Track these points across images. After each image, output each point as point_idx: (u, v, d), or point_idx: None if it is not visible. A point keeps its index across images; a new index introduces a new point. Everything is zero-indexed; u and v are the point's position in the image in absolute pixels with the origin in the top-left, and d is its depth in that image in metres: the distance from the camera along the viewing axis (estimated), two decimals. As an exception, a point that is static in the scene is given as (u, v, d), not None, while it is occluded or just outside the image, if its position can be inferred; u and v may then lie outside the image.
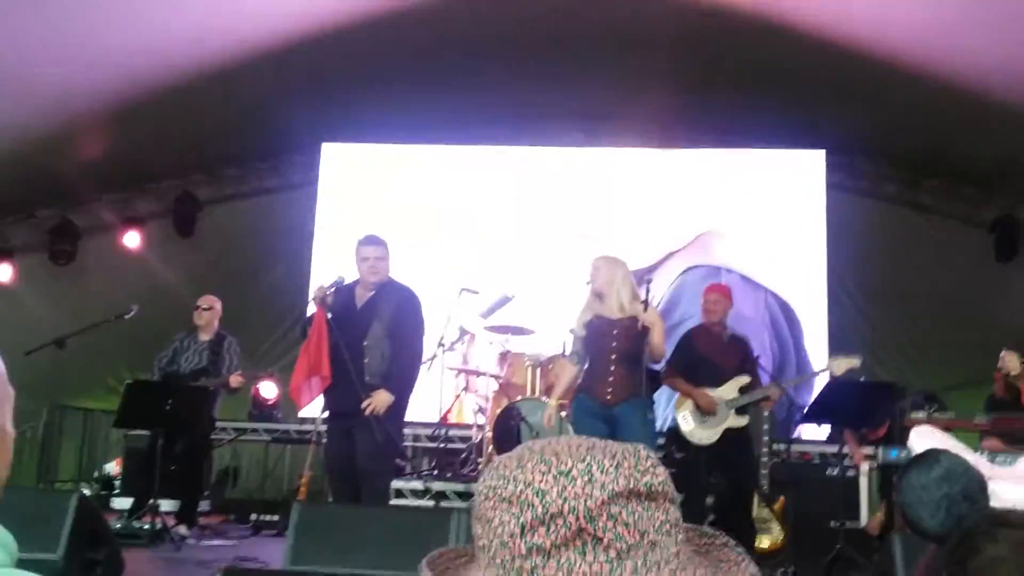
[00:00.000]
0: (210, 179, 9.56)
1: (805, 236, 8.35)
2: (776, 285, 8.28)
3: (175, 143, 8.51)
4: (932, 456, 1.14)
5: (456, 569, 0.89)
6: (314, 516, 3.95)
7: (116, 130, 8.01)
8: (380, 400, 4.74)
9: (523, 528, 0.80)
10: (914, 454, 2.21)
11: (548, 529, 0.80)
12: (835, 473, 5.36)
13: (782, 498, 5.64)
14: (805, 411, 5.41)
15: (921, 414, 4.61)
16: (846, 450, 5.61)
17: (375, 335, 4.85)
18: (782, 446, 6.18)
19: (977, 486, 1.09)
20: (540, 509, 0.80)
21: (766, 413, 5.63)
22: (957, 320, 8.23)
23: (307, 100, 8.03)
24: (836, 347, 7.68)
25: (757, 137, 8.58)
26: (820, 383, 5.62)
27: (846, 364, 5.42)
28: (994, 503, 1.04)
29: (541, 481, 0.81)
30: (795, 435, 6.96)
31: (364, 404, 4.73)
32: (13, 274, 8.77)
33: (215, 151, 9.10)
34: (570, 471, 0.82)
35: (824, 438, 6.84)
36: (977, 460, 1.04)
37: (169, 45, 6.95)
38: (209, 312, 6.63)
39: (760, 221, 8.41)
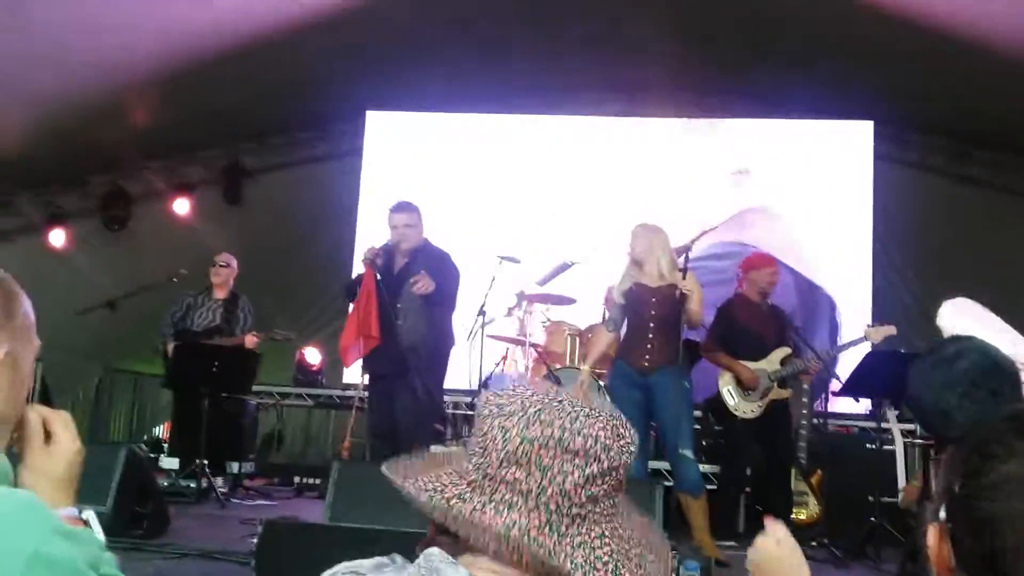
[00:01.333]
0: (258, 148, 9.67)
1: (851, 208, 8.25)
2: (814, 261, 8.19)
3: (223, 112, 8.62)
4: (955, 346, 1.05)
5: (455, 499, 0.98)
6: (353, 474, 4.04)
7: (166, 99, 8.14)
8: (425, 282, 4.81)
9: (588, 479, 0.94)
10: (944, 334, 1.91)
11: (604, 479, 0.95)
12: (874, 447, 5.33)
13: (819, 471, 5.62)
14: (843, 385, 5.36)
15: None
16: (885, 425, 5.56)
17: (408, 298, 4.92)
18: (820, 420, 6.15)
19: (1006, 379, 1.00)
20: (605, 464, 0.95)
21: (805, 386, 5.62)
22: (1003, 293, 8.06)
23: (352, 69, 8.08)
24: (879, 319, 7.61)
25: (804, 108, 8.47)
26: (855, 358, 5.56)
27: (884, 332, 5.41)
28: None
29: (606, 438, 0.95)
30: (829, 408, 6.90)
31: (413, 280, 4.80)
32: (67, 240, 8.98)
33: (262, 120, 9.20)
34: (621, 430, 0.98)
35: (863, 411, 6.78)
36: (1015, 340, 0.90)
37: (217, 14, 7.04)
38: (227, 269, 6.65)
39: (805, 193, 8.32)
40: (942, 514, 0.90)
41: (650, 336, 4.79)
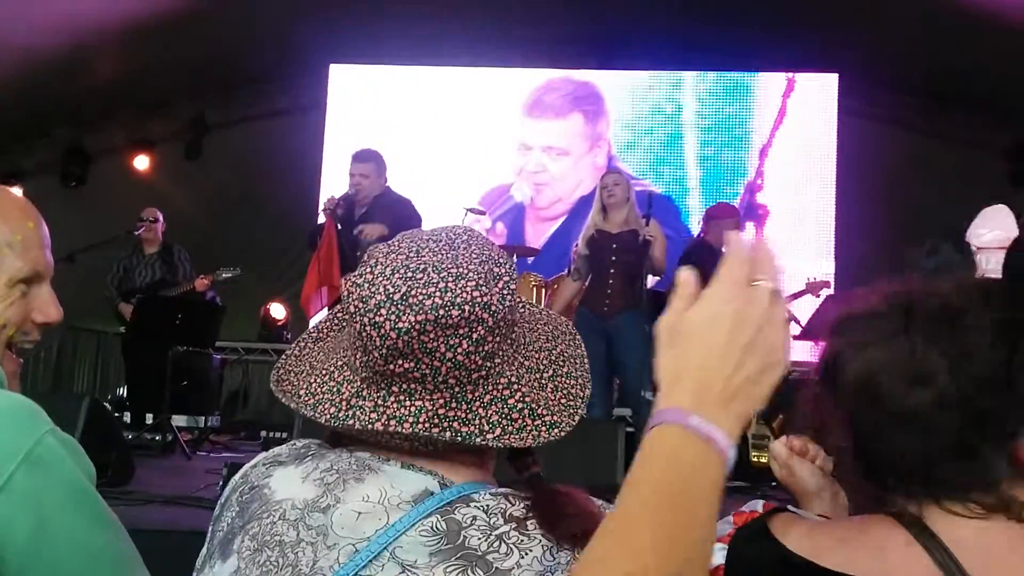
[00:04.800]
0: (219, 102, 9.54)
1: (815, 162, 8.32)
2: (776, 214, 8.30)
3: (184, 65, 8.48)
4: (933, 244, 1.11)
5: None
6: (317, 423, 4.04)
7: (125, 52, 7.99)
8: (371, 228, 4.78)
9: (478, 343, 0.88)
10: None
11: (495, 334, 0.90)
12: (833, 391, 5.40)
13: (780, 416, 5.71)
14: (802, 329, 5.43)
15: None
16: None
17: (369, 247, 4.89)
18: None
19: (959, 258, 1.07)
20: (491, 321, 0.89)
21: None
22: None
23: (316, 20, 7.96)
24: (842, 275, 7.70)
25: (768, 60, 8.47)
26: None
27: (821, 285, 5.65)
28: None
29: (482, 295, 0.88)
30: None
31: (356, 231, 4.77)
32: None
33: (224, 74, 9.06)
34: (496, 269, 0.92)
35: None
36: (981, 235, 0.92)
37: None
38: (156, 224, 6.70)
39: (770, 146, 8.38)
40: None
41: (610, 281, 4.82)
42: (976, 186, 8.40)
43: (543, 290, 6.77)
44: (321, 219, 5.18)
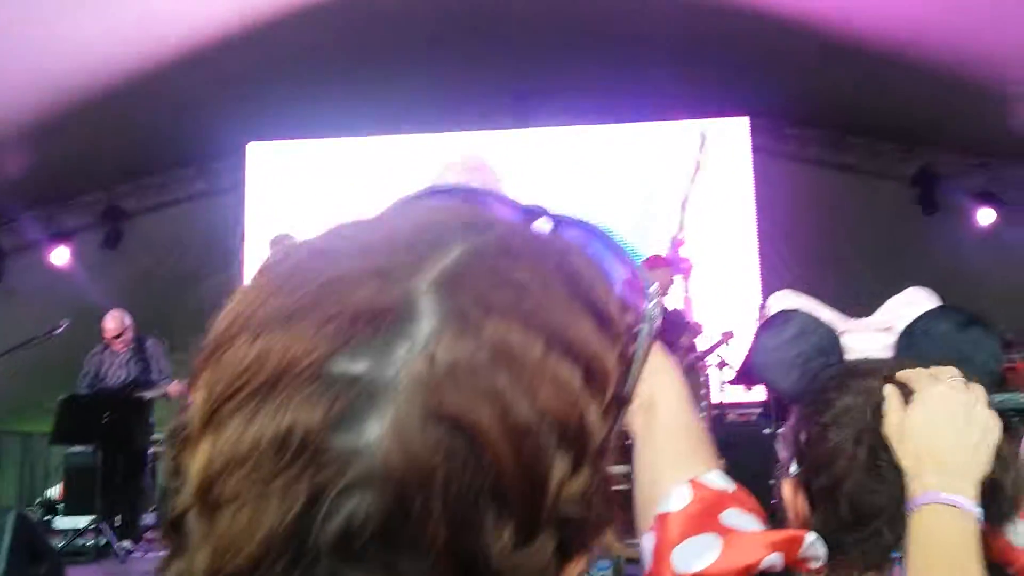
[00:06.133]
0: (135, 189, 9.41)
1: (734, 203, 8.49)
2: (700, 262, 8.43)
3: (98, 154, 8.36)
4: (783, 316, 1.11)
5: None
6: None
7: (36, 145, 7.85)
8: None
9: None
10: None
11: None
12: (770, 431, 5.47)
13: (721, 460, 5.76)
14: (736, 373, 5.52)
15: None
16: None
17: None
18: (719, 410, 6.30)
19: (830, 340, 1.09)
20: None
21: (702, 378, 5.75)
22: (887, 276, 8.40)
23: (230, 100, 7.92)
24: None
25: (678, 107, 8.66)
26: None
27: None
28: (848, 356, 1.08)
29: None
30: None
31: None
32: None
33: (139, 160, 8.95)
34: None
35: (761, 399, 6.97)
36: (832, 316, 0.97)
37: (84, 55, 6.84)
38: (123, 333, 6.36)
39: (689, 192, 8.54)
40: (793, 467, 0.96)
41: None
42: (888, 215, 8.72)
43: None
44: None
